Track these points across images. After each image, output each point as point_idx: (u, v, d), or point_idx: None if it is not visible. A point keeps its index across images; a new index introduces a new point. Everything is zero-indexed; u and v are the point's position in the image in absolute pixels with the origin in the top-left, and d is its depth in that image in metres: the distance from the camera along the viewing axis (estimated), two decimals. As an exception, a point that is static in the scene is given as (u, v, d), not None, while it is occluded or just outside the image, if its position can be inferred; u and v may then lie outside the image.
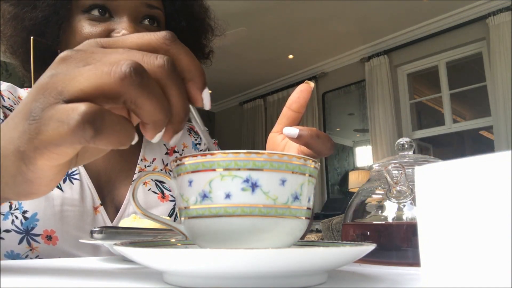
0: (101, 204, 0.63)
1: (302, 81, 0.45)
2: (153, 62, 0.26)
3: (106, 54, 0.26)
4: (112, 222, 0.64)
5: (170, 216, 0.68)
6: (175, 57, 0.28)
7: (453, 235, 0.15)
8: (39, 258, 0.57)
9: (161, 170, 0.73)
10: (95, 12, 0.61)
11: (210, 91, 0.30)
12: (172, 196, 0.70)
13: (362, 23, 3.86)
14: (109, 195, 0.66)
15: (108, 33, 0.61)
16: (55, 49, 0.60)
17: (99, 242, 0.40)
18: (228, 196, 0.28)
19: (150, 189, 0.69)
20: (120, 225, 0.50)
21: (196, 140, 0.83)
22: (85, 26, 0.61)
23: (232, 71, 4.82)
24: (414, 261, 0.40)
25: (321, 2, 3.47)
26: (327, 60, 4.66)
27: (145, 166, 0.71)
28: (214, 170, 0.28)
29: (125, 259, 0.45)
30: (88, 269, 0.37)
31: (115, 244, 0.28)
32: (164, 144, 0.77)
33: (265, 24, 3.84)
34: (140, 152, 0.72)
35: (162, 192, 0.70)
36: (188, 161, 0.29)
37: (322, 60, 4.68)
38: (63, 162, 0.27)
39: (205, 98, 0.29)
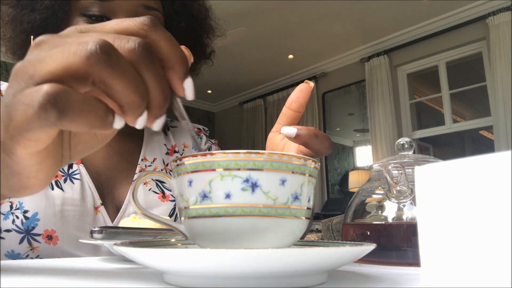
0: (101, 204, 0.63)
1: (302, 81, 0.45)
2: (124, 45, 0.25)
3: (79, 37, 0.25)
4: (112, 222, 0.64)
5: (170, 216, 0.68)
6: (154, 43, 0.26)
7: (453, 235, 0.15)
8: (40, 258, 0.57)
9: (161, 170, 0.73)
10: (93, 14, 0.61)
11: (209, 91, 0.30)
12: (172, 196, 0.70)
13: (362, 23, 3.86)
14: (109, 195, 0.66)
15: None
16: None
17: (99, 242, 0.40)
18: (228, 196, 0.28)
19: (150, 189, 0.69)
20: (120, 225, 0.50)
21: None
22: None
23: (232, 71, 4.81)
24: (414, 261, 0.40)
25: (321, 2, 3.47)
26: (327, 60, 4.66)
27: (145, 166, 0.71)
28: (214, 170, 0.28)
29: (125, 259, 0.45)
30: (88, 269, 0.37)
31: (115, 244, 0.28)
32: (165, 144, 0.77)
33: (265, 24, 3.84)
34: (141, 152, 0.72)
35: (163, 192, 0.70)
36: (188, 161, 0.29)
37: (322, 60, 4.68)
38: (40, 149, 0.26)
39: (187, 88, 0.27)
